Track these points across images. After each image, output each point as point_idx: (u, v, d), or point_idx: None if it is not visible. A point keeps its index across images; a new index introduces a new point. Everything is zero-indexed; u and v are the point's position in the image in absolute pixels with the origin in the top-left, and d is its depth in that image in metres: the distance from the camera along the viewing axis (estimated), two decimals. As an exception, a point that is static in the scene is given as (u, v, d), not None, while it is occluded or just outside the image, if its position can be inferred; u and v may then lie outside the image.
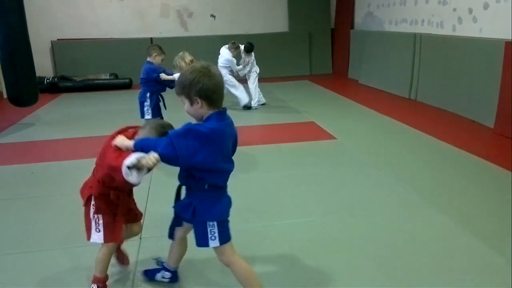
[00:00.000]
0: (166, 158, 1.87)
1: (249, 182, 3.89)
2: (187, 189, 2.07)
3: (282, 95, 8.11)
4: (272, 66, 10.51)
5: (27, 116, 6.73)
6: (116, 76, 9.63)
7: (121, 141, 2.02)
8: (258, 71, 7.21)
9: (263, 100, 7.27)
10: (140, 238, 2.88)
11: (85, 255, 2.71)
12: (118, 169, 1.89)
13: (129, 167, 1.86)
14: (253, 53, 7.15)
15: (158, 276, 2.42)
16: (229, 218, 2.09)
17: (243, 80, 7.25)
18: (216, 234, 2.01)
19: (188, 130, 1.87)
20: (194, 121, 2.00)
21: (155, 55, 4.73)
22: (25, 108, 6.45)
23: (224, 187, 2.06)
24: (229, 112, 2.04)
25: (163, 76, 4.59)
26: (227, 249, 2.07)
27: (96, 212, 2.20)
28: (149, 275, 2.45)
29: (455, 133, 5.31)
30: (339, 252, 2.72)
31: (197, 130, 1.88)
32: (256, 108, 7.03)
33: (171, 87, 4.48)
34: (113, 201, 2.21)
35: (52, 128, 6.12)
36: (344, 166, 4.27)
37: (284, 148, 4.90)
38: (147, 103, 4.63)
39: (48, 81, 9.17)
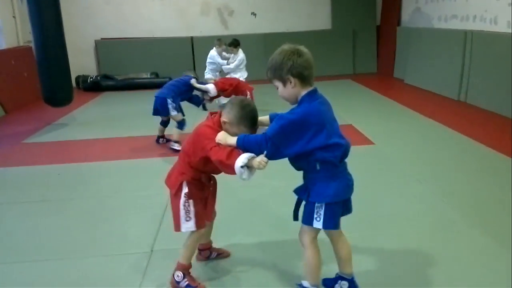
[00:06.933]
0: (274, 157, 1.97)
1: (279, 190, 3.64)
2: (303, 174, 2.10)
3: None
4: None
5: (66, 115, 6.84)
6: (157, 75, 9.67)
7: (224, 138, 2.07)
8: (244, 76, 6.93)
9: None
10: (151, 251, 2.74)
11: (94, 267, 2.60)
12: (230, 166, 1.97)
13: (241, 167, 1.94)
14: (241, 53, 6.98)
15: (336, 286, 2.27)
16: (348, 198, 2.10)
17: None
18: (322, 216, 2.02)
19: (281, 124, 1.93)
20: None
21: None
22: (62, 107, 6.53)
23: (338, 166, 2.02)
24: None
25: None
26: (312, 233, 2.09)
27: (188, 197, 2.24)
28: (328, 284, 2.31)
29: (508, 141, 4.84)
30: (364, 275, 2.44)
31: (290, 120, 1.93)
32: None
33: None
34: (204, 186, 2.31)
35: (89, 127, 6.17)
36: (380, 176, 3.96)
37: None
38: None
39: (91, 79, 9.33)
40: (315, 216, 2.03)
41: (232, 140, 2.04)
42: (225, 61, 7.07)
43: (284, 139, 1.93)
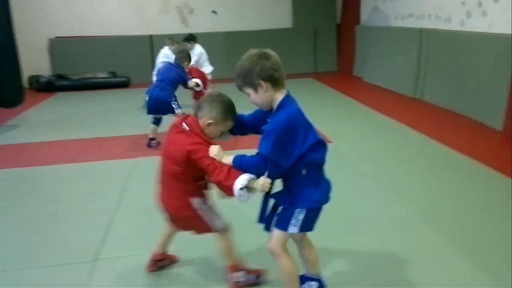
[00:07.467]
0: (276, 175, 1.93)
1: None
2: (284, 180, 2.01)
3: (282, 94, 7.78)
4: (275, 64, 10.19)
5: (17, 116, 6.53)
6: (115, 75, 9.41)
7: (220, 156, 1.98)
8: (210, 71, 6.76)
9: None
10: (95, 260, 2.61)
11: (33, 279, 2.45)
12: (228, 188, 1.91)
13: (240, 189, 1.87)
14: (199, 47, 6.81)
15: (304, 286, 2.20)
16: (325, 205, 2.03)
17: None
18: (300, 221, 1.95)
19: (273, 139, 1.83)
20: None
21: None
22: (12, 109, 6.25)
23: (323, 167, 2.01)
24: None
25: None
26: (281, 239, 2.00)
27: (202, 205, 2.16)
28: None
29: (460, 137, 4.94)
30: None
31: (278, 129, 1.85)
32: None
33: None
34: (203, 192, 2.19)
35: (40, 129, 5.89)
36: (333, 175, 3.89)
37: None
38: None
39: (44, 79, 8.97)
40: (292, 221, 1.95)
41: (227, 160, 1.97)
42: None
43: (282, 150, 1.85)
